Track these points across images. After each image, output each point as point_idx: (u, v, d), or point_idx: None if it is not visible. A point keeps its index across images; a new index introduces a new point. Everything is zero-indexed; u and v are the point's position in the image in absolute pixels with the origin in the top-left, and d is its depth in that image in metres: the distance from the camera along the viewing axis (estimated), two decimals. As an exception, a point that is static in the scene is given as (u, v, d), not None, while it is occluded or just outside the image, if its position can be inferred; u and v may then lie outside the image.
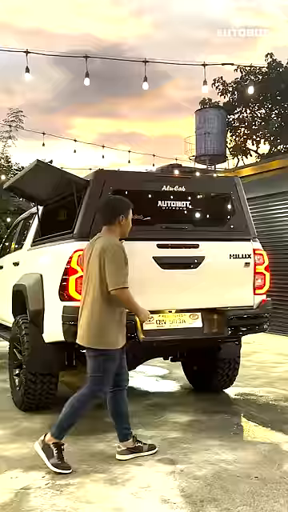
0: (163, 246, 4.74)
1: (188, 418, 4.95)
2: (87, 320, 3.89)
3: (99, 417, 4.98)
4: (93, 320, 3.86)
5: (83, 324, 3.93)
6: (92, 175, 4.82)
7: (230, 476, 3.61)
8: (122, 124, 62.50)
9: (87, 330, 3.89)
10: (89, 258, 3.95)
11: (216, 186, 5.54)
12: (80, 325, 3.97)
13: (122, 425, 4.08)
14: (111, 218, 4.04)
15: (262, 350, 8.74)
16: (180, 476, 3.61)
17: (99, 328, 3.85)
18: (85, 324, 3.91)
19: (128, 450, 4.00)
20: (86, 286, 3.95)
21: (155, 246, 4.73)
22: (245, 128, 27.97)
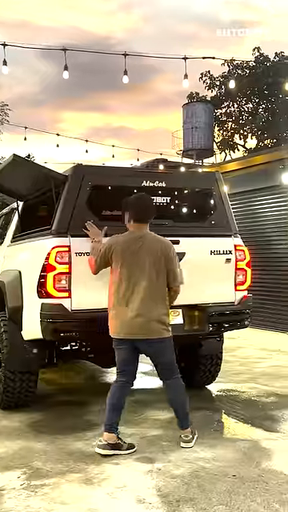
0: None
1: (169, 415, 4.89)
2: (156, 311, 3.94)
3: (79, 415, 4.94)
4: (157, 311, 3.96)
5: (153, 316, 3.93)
6: (70, 170, 4.75)
7: (207, 474, 3.57)
8: (110, 118, 62.24)
9: (157, 323, 3.97)
10: (134, 252, 3.98)
11: (197, 181, 5.49)
12: (138, 319, 3.93)
13: (116, 418, 4.05)
14: (151, 215, 4.14)
15: (247, 345, 8.73)
16: (157, 475, 3.58)
17: (164, 318, 4.01)
18: (154, 315, 3.92)
19: (109, 444, 3.95)
20: (135, 278, 3.96)
21: None
22: (232, 122, 27.95)
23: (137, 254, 4.01)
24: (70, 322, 4.42)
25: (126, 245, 4.05)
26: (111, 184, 4.80)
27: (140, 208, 4.17)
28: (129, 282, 3.98)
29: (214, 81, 27.38)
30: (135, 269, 3.99)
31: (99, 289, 4.53)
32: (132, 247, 4.04)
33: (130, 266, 3.99)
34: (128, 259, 4.01)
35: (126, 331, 3.98)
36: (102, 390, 5.82)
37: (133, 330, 3.97)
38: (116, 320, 4.02)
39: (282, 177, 9.84)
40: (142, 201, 4.20)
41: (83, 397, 5.58)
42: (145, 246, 4.05)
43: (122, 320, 3.98)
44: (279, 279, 10.27)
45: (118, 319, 4.00)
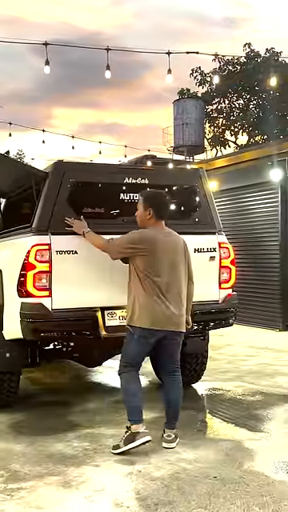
0: None
1: (152, 415, 4.84)
2: (183, 306, 4.11)
3: (62, 415, 4.88)
4: (184, 305, 4.14)
5: (182, 310, 4.09)
6: (51, 167, 4.67)
7: (188, 476, 3.51)
8: (103, 114, 62.01)
9: (183, 317, 4.12)
10: (164, 248, 4.04)
11: (180, 178, 5.42)
12: (176, 310, 4.04)
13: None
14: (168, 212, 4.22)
15: (235, 343, 8.69)
16: (137, 477, 3.51)
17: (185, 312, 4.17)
18: (183, 310, 4.11)
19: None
20: (167, 272, 4.02)
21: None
22: (223, 119, 27.90)
23: (167, 250, 4.07)
24: (50, 321, 4.35)
25: (157, 240, 4.06)
26: (93, 181, 4.72)
27: (163, 205, 4.20)
28: (161, 277, 4.01)
29: (204, 77, 27.30)
30: (167, 264, 4.04)
31: (81, 288, 4.46)
32: (162, 243, 4.06)
33: (161, 260, 4.03)
34: (159, 254, 4.03)
35: (159, 323, 4.00)
36: (86, 390, 5.79)
37: (166, 322, 4.01)
38: (146, 312, 3.99)
39: (271, 173, 9.79)
40: (163, 198, 4.24)
41: (67, 397, 5.50)
42: (173, 241, 4.14)
43: (155, 312, 3.99)
44: (268, 276, 10.24)
45: (148, 311, 3.99)
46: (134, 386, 4.09)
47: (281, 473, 3.57)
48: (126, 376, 4.11)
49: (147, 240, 4.05)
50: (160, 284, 4.00)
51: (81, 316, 4.45)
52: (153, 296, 3.99)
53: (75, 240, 4.46)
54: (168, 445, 4.02)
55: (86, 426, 4.57)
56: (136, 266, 4.05)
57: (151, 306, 3.99)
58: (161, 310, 4.00)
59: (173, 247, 4.11)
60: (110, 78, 9.40)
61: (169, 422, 4.15)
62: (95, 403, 5.25)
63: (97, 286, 4.53)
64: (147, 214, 4.15)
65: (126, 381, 4.10)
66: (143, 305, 4.00)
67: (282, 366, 6.96)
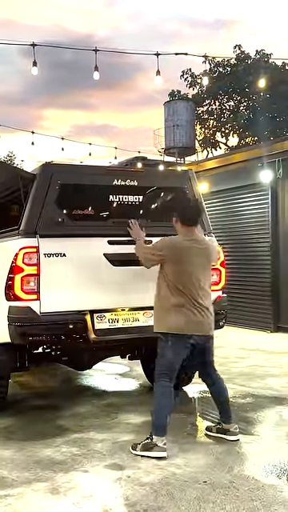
0: (114, 242, 4.58)
1: (143, 419, 4.80)
2: (210, 311, 4.14)
3: (51, 420, 4.82)
4: (212, 309, 4.19)
5: (210, 313, 4.12)
6: (39, 169, 4.63)
7: (177, 481, 3.47)
8: (94, 116, 61.82)
9: (212, 320, 4.16)
10: (196, 254, 4.08)
11: (169, 179, 5.39)
12: (206, 315, 4.07)
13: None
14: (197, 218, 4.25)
15: (226, 345, 8.65)
16: (126, 483, 3.47)
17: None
18: (210, 314, 4.13)
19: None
20: (199, 278, 4.06)
21: (106, 243, 4.57)
22: (214, 120, 27.93)
23: (199, 256, 4.09)
24: (38, 325, 4.31)
25: (181, 247, 4.08)
26: (81, 183, 4.68)
27: (192, 212, 4.21)
28: (194, 282, 4.02)
29: (195, 79, 27.32)
30: (199, 269, 4.07)
31: (70, 291, 4.42)
32: (194, 249, 4.08)
33: (194, 266, 4.05)
34: (193, 260, 4.05)
35: (194, 328, 4.01)
36: (76, 394, 5.75)
37: (201, 327, 4.04)
38: (179, 317, 3.99)
39: (261, 175, 9.79)
40: (193, 204, 4.32)
41: (56, 401, 5.45)
42: (204, 247, 4.16)
43: (189, 317, 4.00)
44: (259, 277, 10.23)
45: (182, 316, 3.99)
46: (168, 400, 4.01)
47: (271, 477, 3.54)
48: (163, 389, 4.02)
49: (170, 247, 4.08)
50: (192, 290, 4.01)
51: (70, 319, 4.41)
52: (185, 301, 3.99)
53: (63, 243, 4.42)
54: (236, 437, 4.17)
55: (75, 430, 4.52)
56: (165, 273, 4.07)
57: (182, 311, 3.99)
58: (195, 316, 4.00)
59: (204, 253, 4.12)
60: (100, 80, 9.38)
61: (230, 415, 4.29)
62: (85, 407, 5.20)
63: (86, 288, 4.49)
64: (174, 220, 4.19)
65: (162, 393, 4.03)
66: (173, 310, 4.00)
67: (273, 368, 6.94)
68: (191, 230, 4.17)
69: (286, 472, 3.60)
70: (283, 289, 9.94)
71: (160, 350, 4.08)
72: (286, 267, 9.88)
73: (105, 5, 57.49)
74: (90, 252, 4.53)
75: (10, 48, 17.45)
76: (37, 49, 8.23)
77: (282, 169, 9.59)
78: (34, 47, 8.40)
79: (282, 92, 23.84)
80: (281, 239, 9.92)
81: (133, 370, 6.77)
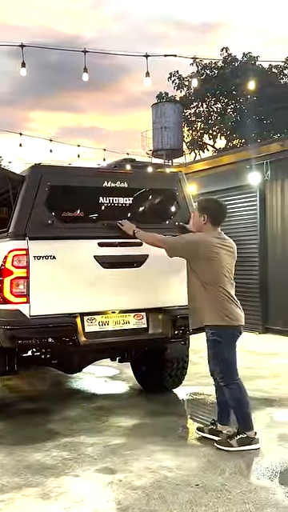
0: (105, 244, 4.56)
1: (133, 422, 4.78)
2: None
3: (41, 424, 4.78)
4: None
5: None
6: (28, 170, 4.59)
7: (169, 484, 3.45)
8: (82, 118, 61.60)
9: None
10: (228, 252, 4.21)
11: (159, 181, 5.37)
12: (241, 309, 4.24)
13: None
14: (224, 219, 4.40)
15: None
16: (118, 487, 3.44)
17: None
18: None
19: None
20: (231, 275, 4.24)
21: (96, 245, 4.54)
22: (201, 122, 27.97)
23: (230, 254, 4.23)
24: (28, 328, 4.26)
25: (222, 245, 4.19)
26: (71, 184, 4.65)
27: (222, 212, 4.36)
28: (229, 279, 4.19)
29: (182, 81, 27.36)
30: (230, 267, 4.23)
31: (59, 293, 4.38)
32: (226, 247, 4.20)
33: (228, 264, 4.19)
34: (226, 258, 4.18)
35: (240, 319, 4.20)
36: (65, 397, 5.70)
37: (241, 319, 4.22)
38: (235, 309, 4.17)
39: (250, 177, 9.81)
40: (221, 205, 4.42)
41: (46, 404, 5.40)
42: (232, 246, 4.27)
43: (232, 309, 4.17)
44: (248, 278, 10.24)
45: (235, 309, 4.18)
46: (246, 395, 4.18)
47: (263, 479, 3.53)
48: (238, 386, 4.16)
49: (204, 241, 4.16)
50: (230, 286, 4.17)
51: (60, 322, 4.37)
52: (229, 296, 4.14)
53: (53, 245, 4.38)
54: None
55: (66, 434, 4.48)
56: (200, 272, 4.16)
57: (233, 304, 4.15)
58: (238, 309, 4.19)
59: (232, 251, 4.26)
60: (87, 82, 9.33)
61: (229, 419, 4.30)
62: (75, 411, 5.16)
63: (76, 291, 4.46)
64: (202, 219, 4.25)
65: (239, 391, 4.14)
66: (230, 304, 4.14)
67: (262, 370, 6.95)
68: (217, 229, 4.27)
69: (278, 474, 3.59)
70: (271, 290, 9.97)
71: (215, 350, 4.20)
72: (274, 269, 9.91)
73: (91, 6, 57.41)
74: (79, 254, 4.50)
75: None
76: (24, 50, 8.18)
77: (270, 171, 9.62)
78: (22, 48, 8.35)
79: (269, 94, 23.94)
80: (269, 240, 9.95)
81: (123, 372, 6.74)
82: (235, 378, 4.16)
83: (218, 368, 4.20)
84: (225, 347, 4.16)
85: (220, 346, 4.16)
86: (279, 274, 9.76)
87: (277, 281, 9.83)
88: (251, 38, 37.70)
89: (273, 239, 9.89)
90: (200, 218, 4.28)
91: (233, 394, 4.13)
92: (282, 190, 9.63)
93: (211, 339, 4.20)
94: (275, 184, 9.71)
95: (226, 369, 4.17)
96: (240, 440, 4.02)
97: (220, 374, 4.19)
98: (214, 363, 4.24)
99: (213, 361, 4.24)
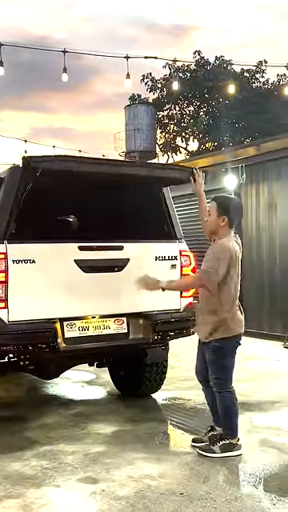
0: (85, 248, 4.47)
1: (113, 429, 4.71)
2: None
3: (18, 431, 4.66)
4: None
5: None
6: (6, 172, 4.47)
7: (153, 494, 3.40)
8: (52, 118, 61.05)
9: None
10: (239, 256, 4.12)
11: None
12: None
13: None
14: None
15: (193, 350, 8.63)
16: (101, 497, 3.37)
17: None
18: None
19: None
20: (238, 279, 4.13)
21: (77, 248, 4.45)
22: (174, 125, 28.10)
23: (239, 256, 4.13)
24: (6, 334, 4.15)
25: (237, 250, 4.10)
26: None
27: (239, 214, 4.16)
28: (237, 284, 4.12)
29: (155, 83, 27.42)
30: (238, 272, 4.12)
31: (40, 298, 4.28)
32: (238, 252, 4.10)
33: (238, 269, 4.10)
34: (238, 264, 4.10)
35: (242, 327, 4.11)
36: (42, 404, 5.58)
37: (243, 326, 4.13)
38: (238, 318, 4.07)
39: (225, 180, 9.85)
40: (241, 207, 4.17)
41: (22, 411, 5.27)
42: (239, 248, 4.15)
43: (240, 318, 4.10)
44: (222, 282, 10.26)
45: (238, 317, 4.07)
46: (236, 404, 4.12)
47: (248, 486, 3.50)
48: (231, 395, 4.09)
49: (233, 251, 4.02)
50: (237, 290, 4.09)
51: (39, 328, 4.26)
52: (235, 303, 4.06)
53: (33, 248, 4.28)
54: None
55: (44, 442, 4.37)
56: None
57: (237, 313, 4.06)
58: (241, 316, 4.11)
59: (239, 253, 4.15)
60: (59, 82, 9.23)
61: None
62: (52, 417, 5.06)
63: (55, 296, 4.36)
64: (221, 221, 4.06)
65: (230, 399, 4.07)
66: (233, 313, 4.03)
67: (239, 372, 6.92)
68: (232, 232, 4.15)
69: (261, 481, 3.57)
70: (245, 293, 10.00)
71: (216, 358, 4.07)
72: (248, 272, 9.95)
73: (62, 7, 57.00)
74: (59, 258, 4.40)
75: None
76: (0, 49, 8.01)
77: (245, 174, 9.67)
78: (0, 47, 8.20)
79: (241, 98, 24.18)
80: (243, 244, 9.97)
81: (99, 377, 6.65)
82: (229, 388, 4.09)
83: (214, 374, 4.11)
84: (227, 354, 4.10)
85: (222, 353, 4.08)
86: (254, 277, 9.81)
87: (251, 284, 9.88)
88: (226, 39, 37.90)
89: (247, 242, 9.93)
90: (219, 219, 4.08)
91: (224, 401, 4.07)
92: (257, 193, 9.69)
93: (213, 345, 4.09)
94: (250, 187, 9.77)
95: (222, 375, 4.09)
96: (223, 446, 3.98)
97: (215, 379, 4.09)
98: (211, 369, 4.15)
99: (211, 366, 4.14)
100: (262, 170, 9.52)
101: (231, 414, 4.07)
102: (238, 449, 4.02)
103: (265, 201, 9.56)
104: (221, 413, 4.09)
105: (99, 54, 8.79)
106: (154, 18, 45.62)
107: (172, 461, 3.95)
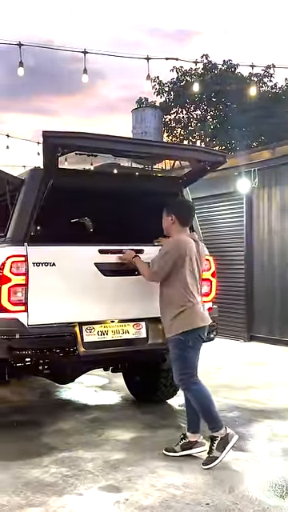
0: (106, 251, 4.41)
1: (131, 435, 4.63)
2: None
3: (34, 437, 4.59)
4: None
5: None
6: (27, 173, 4.41)
7: (178, 504, 3.32)
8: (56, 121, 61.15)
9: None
10: (196, 253, 4.20)
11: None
12: (203, 309, 4.34)
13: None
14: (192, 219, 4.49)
15: (204, 355, 8.54)
16: (125, 507, 3.29)
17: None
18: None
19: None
20: (197, 275, 4.20)
21: (97, 252, 4.38)
22: (181, 129, 28.02)
23: (197, 255, 4.19)
24: (26, 338, 4.08)
25: (192, 247, 4.15)
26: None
27: (190, 213, 4.36)
28: (196, 279, 4.16)
29: (162, 87, 27.36)
30: (196, 268, 4.18)
31: (60, 302, 4.21)
32: (194, 249, 4.17)
33: (195, 265, 4.15)
34: (194, 260, 4.15)
35: (203, 321, 4.14)
36: (57, 408, 5.51)
37: (205, 319, 4.18)
38: (194, 313, 4.09)
39: (237, 184, 9.78)
40: (189, 206, 4.44)
41: (37, 416, 5.21)
42: (197, 246, 4.24)
43: (198, 312, 4.13)
44: (233, 286, 10.19)
45: (195, 312, 4.10)
46: (208, 393, 4.10)
47: (274, 497, 3.42)
48: (198, 387, 4.08)
49: (182, 250, 4.08)
50: (195, 286, 4.13)
51: (58, 332, 4.19)
52: (192, 298, 4.09)
53: (53, 251, 4.21)
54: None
55: (62, 448, 4.30)
56: (171, 274, 4.09)
57: (194, 307, 4.08)
58: (200, 310, 4.15)
59: (198, 251, 4.21)
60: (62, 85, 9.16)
61: (199, 426, 4.24)
62: (68, 423, 4.98)
63: (75, 299, 4.29)
64: (170, 219, 4.22)
65: (198, 392, 4.07)
66: (188, 307, 4.06)
67: (253, 379, 6.87)
68: (186, 231, 4.25)
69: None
70: (256, 298, 9.94)
71: (178, 353, 4.11)
72: (259, 276, 9.89)
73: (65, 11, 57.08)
74: (80, 261, 4.34)
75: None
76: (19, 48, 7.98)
77: (258, 178, 9.61)
78: (20, 47, 8.15)
79: (249, 102, 24.10)
80: (255, 248, 9.93)
81: (112, 381, 6.58)
82: (194, 381, 4.11)
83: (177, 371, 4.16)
84: (189, 348, 4.11)
85: (183, 347, 4.10)
86: (264, 281, 9.74)
87: (262, 288, 9.81)
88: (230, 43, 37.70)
89: (259, 246, 9.87)
90: (167, 218, 4.26)
91: (194, 396, 4.09)
92: (269, 198, 9.62)
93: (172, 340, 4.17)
94: (262, 191, 9.70)
95: (184, 370, 4.11)
96: (219, 445, 3.94)
97: (180, 376, 4.14)
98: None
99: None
100: (275, 173, 9.45)
101: (203, 405, 4.07)
102: (232, 436, 3.97)
103: (277, 205, 9.49)
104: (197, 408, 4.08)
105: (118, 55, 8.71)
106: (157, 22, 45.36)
107: (194, 469, 3.87)
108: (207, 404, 4.06)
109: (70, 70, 10.29)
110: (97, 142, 4.14)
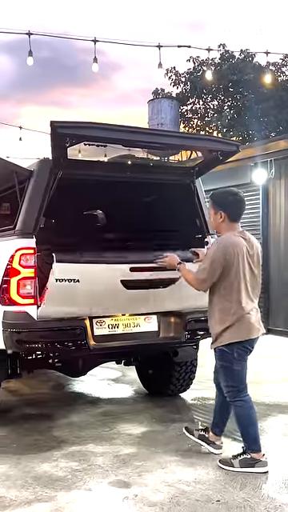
0: (135, 269, 4.27)
1: (142, 429, 4.58)
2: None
3: (46, 430, 4.56)
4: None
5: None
6: (36, 164, 4.35)
7: (188, 500, 3.26)
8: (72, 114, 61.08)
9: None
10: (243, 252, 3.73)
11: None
12: (258, 316, 3.82)
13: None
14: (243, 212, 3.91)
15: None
16: (134, 502, 3.24)
17: None
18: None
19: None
20: (249, 278, 3.75)
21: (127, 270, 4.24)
22: (198, 119, 27.77)
23: (248, 256, 3.76)
24: (35, 331, 4.04)
25: (242, 248, 3.72)
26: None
27: (241, 207, 3.87)
28: (248, 283, 3.74)
29: (179, 77, 27.12)
30: (249, 270, 3.76)
31: (70, 294, 4.16)
32: (244, 250, 3.73)
33: (247, 268, 3.73)
34: (245, 263, 3.72)
35: (252, 333, 3.75)
36: (69, 401, 5.48)
37: (256, 331, 3.78)
38: (244, 324, 3.71)
39: (254, 174, 9.63)
40: (240, 199, 3.89)
41: (49, 409, 5.18)
42: (249, 244, 3.80)
43: (248, 322, 3.72)
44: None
45: (245, 323, 3.71)
46: (250, 414, 3.78)
47: (287, 494, 3.34)
48: (242, 404, 3.78)
49: (231, 249, 3.66)
50: (244, 290, 3.70)
51: (68, 325, 4.15)
52: (246, 305, 3.69)
53: (79, 269, 4.10)
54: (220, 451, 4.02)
55: (73, 442, 4.27)
56: (220, 280, 3.69)
57: (247, 316, 3.70)
58: (251, 318, 3.72)
59: (246, 251, 3.74)
60: (78, 77, 9.11)
61: (223, 429, 4.07)
62: (80, 416, 4.95)
63: (90, 301, 4.22)
64: (218, 217, 3.81)
65: (242, 409, 3.78)
66: (237, 318, 3.68)
67: (269, 373, 6.77)
68: (237, 227, 3.83)
69: (301, 489, 3.40)
70: (273, 291, 9.80)
71: (225, 365, 3.80)
72: (276, 268, 9.75)
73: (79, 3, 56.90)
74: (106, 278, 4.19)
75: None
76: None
77: (275, 168, 9.45)
78: (29, 36, 8.10)
79: (267, 92, 23.78)
80: (271, 239, 9.79)
81: (125, 374, 6.54)
82: (241, 396, 3.80)
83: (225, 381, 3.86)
84: (235, 361, 3.78)
85: (229, 359, 3.78)
86: (281, 273, 9.60)
87: (279, 281, 9.67)
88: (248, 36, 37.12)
89: (275, 238, 9.72)
90: (216, 216, 3.84)
91: (236, 410, 3.83)
92: (286, 188, 9.46)
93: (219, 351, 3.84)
94: (279, 182, 9.54)
95: (230, 382, 3.82)
96: (243, 461, 3.68)
97: (226, 387, 3.85)
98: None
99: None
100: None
101: (243, 423, 3.80)
102: (261, 465, 3.65)
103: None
104: (238, 424, 3.85)
105: (129, 43, 8.60)
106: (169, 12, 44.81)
107: (205, 465, 3.80)
108: (246, 424, 3.76)
109: (85, 62, 10.18)
110: (106, 132, 4.02)
